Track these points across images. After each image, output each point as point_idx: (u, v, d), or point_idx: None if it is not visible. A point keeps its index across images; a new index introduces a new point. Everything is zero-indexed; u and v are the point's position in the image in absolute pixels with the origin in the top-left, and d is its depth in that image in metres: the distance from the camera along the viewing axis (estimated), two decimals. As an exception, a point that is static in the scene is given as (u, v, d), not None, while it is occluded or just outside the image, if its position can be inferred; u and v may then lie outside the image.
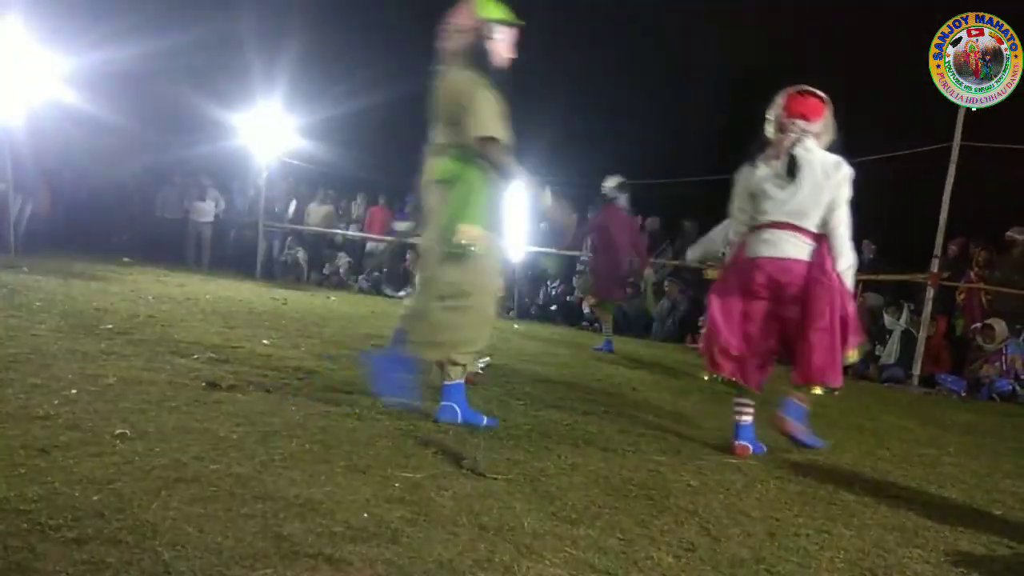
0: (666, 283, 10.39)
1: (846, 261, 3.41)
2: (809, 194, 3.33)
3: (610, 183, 7.49)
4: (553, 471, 2.77)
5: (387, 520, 2.05)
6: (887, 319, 8.37)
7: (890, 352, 8.27)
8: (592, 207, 9.61)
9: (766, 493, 2.86)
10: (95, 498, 1.92)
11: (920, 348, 7.64)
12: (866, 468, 3.53)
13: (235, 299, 7.94)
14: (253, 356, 4.40)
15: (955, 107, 7.47)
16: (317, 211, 13.74)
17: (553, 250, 11.20)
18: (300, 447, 2.63)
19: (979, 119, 7.50)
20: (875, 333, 8.29)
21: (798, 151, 3.35)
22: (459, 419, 3.25)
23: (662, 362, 7.29)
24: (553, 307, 11.46)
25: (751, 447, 3.47)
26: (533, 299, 11.80)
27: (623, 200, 7.56)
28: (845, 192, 3.36)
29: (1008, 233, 8.39)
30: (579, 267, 11.50)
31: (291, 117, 12.44)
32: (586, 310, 10.29)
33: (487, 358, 5.55)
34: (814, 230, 3.37)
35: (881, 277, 8.98)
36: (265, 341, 5.05)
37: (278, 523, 1.93)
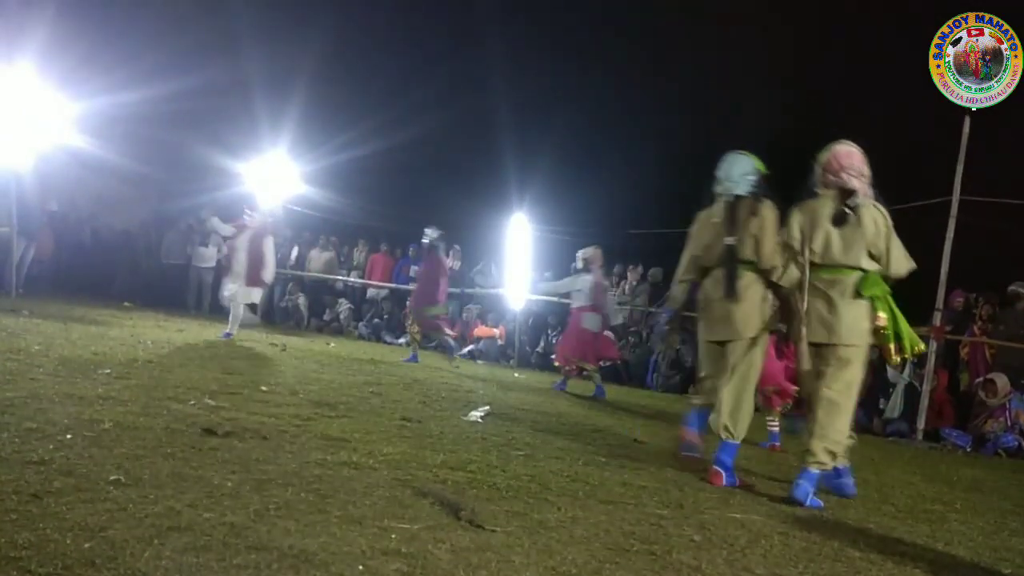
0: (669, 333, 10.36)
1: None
2: None
3: (432, 233, 9.00)
4: (553, 524, 2.71)
5: (383, 573, 2.01)
6: (890, 372, 8.32)
7: (894, 406, 8.20)
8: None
9: (770, 549, 2.80)
10: (87, 546, 1.89)
11: (924, 402, 7.58)
12: (871, 524, 3.46)
13: (234, 344, 7.91)
14: (250, 402, 4.36)
15: (954, 161, 7.53)
16: (319, 257, 13.81)
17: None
18: (295, 496, 2.59)
19: (979, 173, 7.56)
20: (879, 387, 8.23)
21: None
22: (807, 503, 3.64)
23: (664, 413, 7.22)
24: (553, 356, 11.41)
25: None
26: (534, 348, 11.76)
27: (442, 247, 9.31)
28: None
29: (1011, 287, 8.39)
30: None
31: (294, 164, 12.59)
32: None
33: (487, 407, 5.51)
34: None
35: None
36: (263, 387, 5.02)
37: (271, 575, 1.89)
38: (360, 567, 2.02)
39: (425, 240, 9.15)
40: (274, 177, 12.33)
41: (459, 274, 13.00)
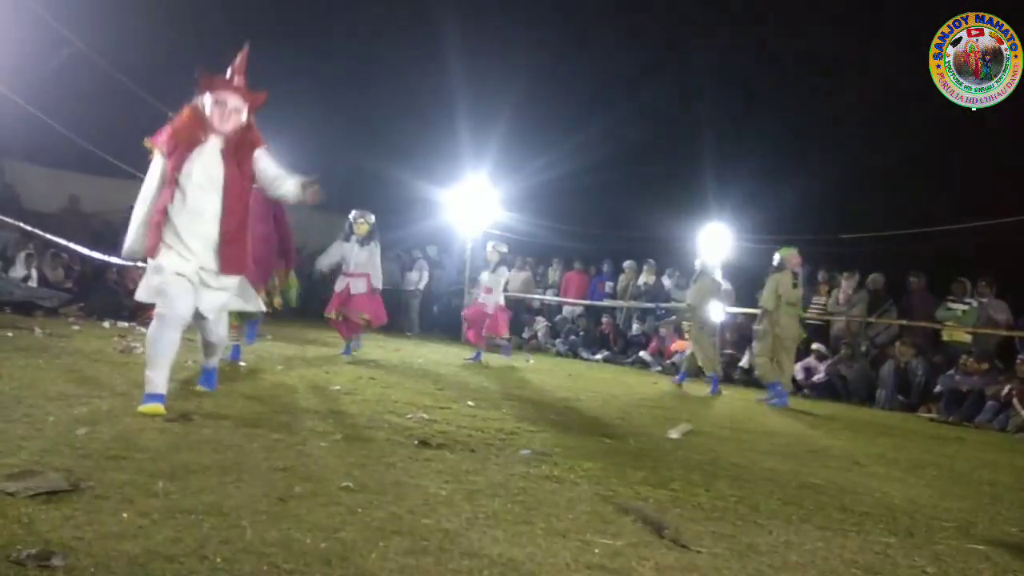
0: (897, 345, 9.48)
1: None
2: None
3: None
4: (764, 548, 2.58)
5: (588, 587, 2.03)
6: None
7: None
8: None
9: (1025, 589, 2.46)
10: (323, 545, 2.10)
11: None
12: None
13: (443, 362, 8.41)
14: (459, 416, 4.62)
15: None
16: (516, 277, 14.27)
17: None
18: (503, 507, 2.70)
19: None
20: None
21: None
22: None
23: (889, 434, 6.60)
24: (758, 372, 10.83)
25: None
26: (735, 363, 11.25)
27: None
28: None
29: None
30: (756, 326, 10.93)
31: (494, 191, 13.22)
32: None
33: (687, 424, 5.37)
34: None
35: None
36: (470, 403, 5.28)
37: (483, 581, 1.98)
38: (566, 579, 2.06)
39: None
40: (476, 204, 13.04)
41: (656, 288, 12.83)
